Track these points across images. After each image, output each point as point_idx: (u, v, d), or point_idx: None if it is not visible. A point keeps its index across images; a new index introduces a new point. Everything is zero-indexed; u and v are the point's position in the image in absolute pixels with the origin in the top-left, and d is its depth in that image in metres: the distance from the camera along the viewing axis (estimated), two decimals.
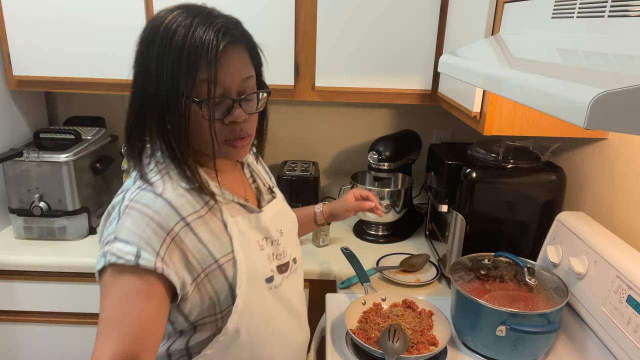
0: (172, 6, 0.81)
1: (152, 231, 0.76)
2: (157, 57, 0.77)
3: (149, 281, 0.74)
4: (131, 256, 0.73)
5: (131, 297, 0.74)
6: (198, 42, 0.75)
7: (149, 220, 0.76)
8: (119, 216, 0.77)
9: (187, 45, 0.75)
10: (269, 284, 0.91)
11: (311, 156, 2.05)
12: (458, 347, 1.16)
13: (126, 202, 0.79)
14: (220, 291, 0.84)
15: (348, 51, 1.62)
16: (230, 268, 0.84)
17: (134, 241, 0.74)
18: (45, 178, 1.59)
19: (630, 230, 1.14)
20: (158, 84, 0.77)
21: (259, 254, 0.90)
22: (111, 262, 0.73)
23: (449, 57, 1.05)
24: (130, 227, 0.75)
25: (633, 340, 0.93)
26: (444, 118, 1.98)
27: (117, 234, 0.75)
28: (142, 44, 0.81)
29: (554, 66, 0.75)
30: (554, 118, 0.84)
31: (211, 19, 0.78)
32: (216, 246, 0.83)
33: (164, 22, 0.77)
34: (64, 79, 1.66)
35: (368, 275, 1.38)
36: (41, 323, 1.61)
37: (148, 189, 0.80)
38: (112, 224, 0.78)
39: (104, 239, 0.77)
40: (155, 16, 0.81)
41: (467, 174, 1.31)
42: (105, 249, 0.75)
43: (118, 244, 0.74)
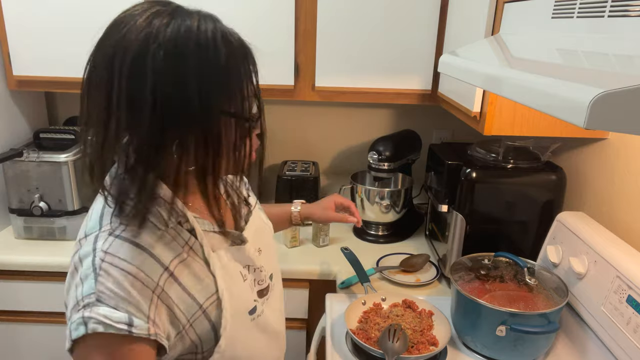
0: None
1: (138, 292, 0.67)
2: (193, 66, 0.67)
3: (141, 349, 0.67)
4: (123, 325, 0.65)
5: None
6: (240, 54, 0.72)
7: (133, 279, 0.67)
8: (94, 274, 0.66)
9: (233, 57, 0.70)
10: (252, 315, 0.86)
11: (311, 156, 2.05)
12: (458, 347, 1.16)
13: (100, 255, 0.68)
14: (203, 335, 0.77)
15: (348, 51, 1.62)
16: (214, 310, 0.77)
17: (122, 307, 0.65)
18: (45, 178, 1.59)
19: (630, 230, 1.14)
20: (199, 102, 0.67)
21: (242, 286, 0.84)
22: (97, 331, 0.64)
23: (449, 57, 1.05)
24: (113, 290, 0.66)
25: (633, 340, 0.93)
26: (444, 118, 1.98)
27: (99, 296, 0.65)
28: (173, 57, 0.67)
29: (554, 66, 0.75)
30: (554, 118, 0.84)
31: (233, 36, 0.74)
32: (199, 290, 0.76)
33: (194, 31, 0.68)
34: (64, 79, 1.66)
35: (368, 275, 1.38)
36: (41, 323, 1.61)
37: (122, 236, 0.70)
38: (87, 283, 0.66)
39: (77, 301, 0.66)
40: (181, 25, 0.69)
41: (467, 174, 1.31)
42: (85, 315, 0.64)
43: (103, 309, 0.64)
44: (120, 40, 0.70)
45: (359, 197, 1.71)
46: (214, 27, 0.70)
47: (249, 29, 1.15)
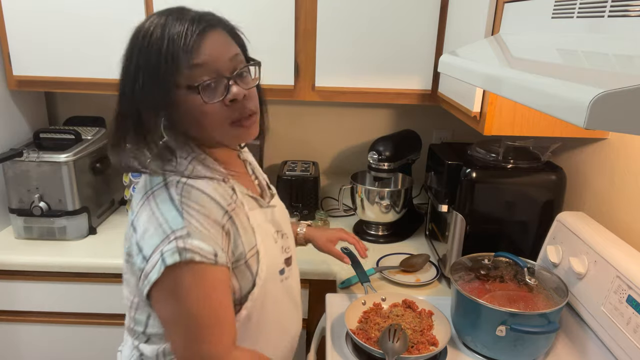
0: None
1: (215, 230, 0.79)
2: (138, 60, 0.79)
3: (222, 275, 0.79)
4: (212, 255, 0.76)
5: (215, 292, 0.78)
6: (175, 34, 0.77)
7: (207, 218, 0.79)
8: (179, 212, 0.77)
9: (166, 39, 0.77)
10: (282, 275, 0.95)
11: (311, 156, 2.05)
12: (458, 347, 1.16)
13: (177, 198, 0.79)
14: (243, 282, 0.87)
15: (348, 51, 1.62)
16: (254, 263, 0.87)
17: (208, 241, 0.77)
18: (45, 178, 1.59)
19: (630, 230, 1.14)
20: (144, 86, 0.78)
21: (274, 246, 0.94)
22: (194, 260, 0.74)
23: (449, 57, 1.05)
24: (198, 227, 0.77)
25: (633, 340, 0.93)
26: (444, 118, 1.98)
27: (189, 231, 0.76)
28: (125, 57, 0.83)
29: (554, 66, 0.75)
30: (554, 118, 0.84)
31: (183, 13, 0.80)
32: (245, 240, 0.86)
33: (142, 29, 0.81)
34: (64, 79, 1.66)
35: (368, 275, 1.38)
36: (41, 323, 1.61)
37: (189, 183, 0.82)
38: (173, 220, 0.77)
39: (167, 235, 0.76)
40: (134, 29, 0.83)
41: (467, 174, 1.31)
42: (179, 245, 0.74)
43: (195, 241, 0.75)
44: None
45: (359, 197, 1.71)
46: (166, 19, 0.79)
47: (249, 28, 1.15)
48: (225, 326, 0.79)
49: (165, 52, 0.76)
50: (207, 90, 0.79)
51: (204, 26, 0.79)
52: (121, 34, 1.76)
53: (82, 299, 1.57)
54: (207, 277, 0.76)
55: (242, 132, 0.85)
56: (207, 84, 0.79)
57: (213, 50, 0.80)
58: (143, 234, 0.79)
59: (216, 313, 0.78)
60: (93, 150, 1.72)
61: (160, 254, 0.75)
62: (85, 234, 1.68)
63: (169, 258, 0.74)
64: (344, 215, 1.91)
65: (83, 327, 1.61)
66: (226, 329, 0.79)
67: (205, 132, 0.84)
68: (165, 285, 0.76)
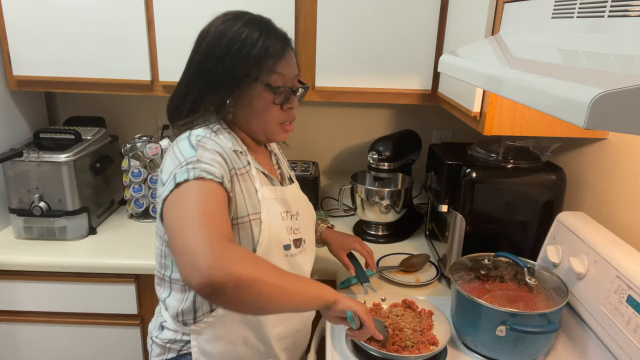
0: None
1: (223, 167, 0.94)
2: (242, 43, 0.97)
3: (225, 195, 0.91)
4: (218, 176, 0.90)
5: (215, 199, 0.88)
6: (270, 43, 0.98)
7: (218, 156, 0.94)
8: (193, 148, 0.94)
9: (261, 43, 0.98)
10: (286, 251, 1.07)
11: (311, 156, 2.05)
12: (458, 347, 1.16)
13: (194, 139, 0.96)
14: (244, 239, 1.00)
15: (348, 51, 1.62)
16: (256, 226, 1.01)
17: (217, 167, 0.92)
18: (45, 178, 1.59)
19: (630, 230, 1.14)
20: (244, 68, 0.98)
21: (280, 222, 1.06)
22: (200, 177, 0.88)
23: (449, 57, 1.05)
24: (209, 157, 0.92)
25: (633, 340, 0.93)
26: (444, 118, 1.98)
27: (199, 158, 0.91)
28: (213, 40, 0.99)
29: (554, 66, 0.75)
30: (554, 118, 0.84)
31: (276, 28, 1.03)
32: (249, 203, 1.01)
33: (240, 20, 1.00)
34: (64, 79, 1.66)
35: (368, 275, 1.38)
36: (41, 323, 1.61)
37: (209, 136, 0.98)
38: (187, 152, 0.93)
39: (180, 162, 0.91)
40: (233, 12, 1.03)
41: (467, 174, 1.31)
42: (189, 167, 0.89)
43: (204, 165, 0.90)
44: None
45: (359, 197, 1.71)
46: (269, 24, 1.03)
47: None
48: (223, 228, 0.85)
49: (258, 50, 0.97)
50: (279, 94, 1.02)
51: (286, 45, 1.02)
52: (121, 34, 1.76)
53: (82, 299, 1.57)
54: (210, 189, 0.88)
55: (282, 133, 1.08)
56: (281, 90, 1.02)
57: (290, 66, 1.03)
58: (165, 168, 0.95)
59: (214, 216, 0.85)
60: (93, 150, 1.72)
61: (172, 175, 0.89)
62: (85, 234, 1.68)
63: (179, 176, 0.88)
64: (344, 215, 1.91)
65: (83, 327, 1.61)
66: (224, 230, 0.85)
67: (257, 121, 1.04)
68: (174, 196, 0.87)
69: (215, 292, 0.78)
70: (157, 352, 1.11)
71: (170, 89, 1.70)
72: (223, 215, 0.87)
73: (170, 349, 1.09)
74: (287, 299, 0.87)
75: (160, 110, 2.03)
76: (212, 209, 0.86)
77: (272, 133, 1.07)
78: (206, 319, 1.05)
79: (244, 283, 0.79)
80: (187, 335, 1.07)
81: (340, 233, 1.43)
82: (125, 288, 1.55)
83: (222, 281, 0.77)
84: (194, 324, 1.05)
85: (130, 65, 1.63)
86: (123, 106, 2.03)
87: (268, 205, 1.04)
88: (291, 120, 1.08)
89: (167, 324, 1.09)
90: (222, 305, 0.85)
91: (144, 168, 1.76)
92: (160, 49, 1.61)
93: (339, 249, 1.38)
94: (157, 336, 1.11)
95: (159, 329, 1.11)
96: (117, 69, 1.64)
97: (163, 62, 1.63)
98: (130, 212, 1.81)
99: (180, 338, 1.08)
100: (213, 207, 0.86)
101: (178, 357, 1.09)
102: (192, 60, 1.03)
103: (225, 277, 0.77)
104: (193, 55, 1.03)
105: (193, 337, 1.06)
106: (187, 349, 1.08)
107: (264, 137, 1.08)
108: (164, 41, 1.61)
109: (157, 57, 1.62)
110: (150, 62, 1.64)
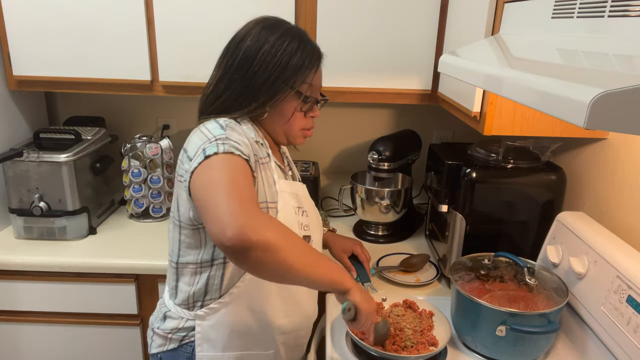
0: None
1: (249, 149, 0.97)
2: (284, 51, 1.02)
3: (251, 175, 0.95)
4: (246, 154, 0.94)
5: (244, 174, 0.92)
6: (309, 53, 1.06)
7: (245, 139, 0.98)
8: (222, 129, 0.97)
9: (301, 53, 1.04)
10: None
11: (311, 156, 2.05)
12: (458, 347, 1.17)
13: (223, 122, 1.00)
14: None
15: (348, 51, 1.62)
16: (273, 214, 1.04)
17: (244, 147, 0.95)
18: (45, 178, 1.59)
19: (630, 230, 1.14)
20: (284, 75, 1.02)
21: (294, 217, 1.09)
22: (229, 151, 0.92)
23: (449, 57, 1.05)
24: (238, 137, 0.96)
25: (633, 340, 0.93)
26: (444, 118, 1.98)
27: (228, 137, 0.95)
28: (257, 41, 1.03)
29: (554, 66, 0.75)
30: (554, 118, 0.84)
31: (312, 41, 1.11)
32: (268, 191, 1.04)
33: (281, 28, 1.06)
34: (64, 79, 1.66)
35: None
36: (41, 323, 1.61)
37: (234, 123, 1.01)
38: (217, 131, 0.96)
39: (208, 138, 0.95)
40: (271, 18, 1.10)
41: (467, 174, 1.31)
42: (219, 142, 0.93)
43: (233, 142, 0.94)
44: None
45: (359, 197, 1.71)
46: (306, 35, 1.10)
47: None
48: (253, 197, 0.89)
49: (297, 60, 1.04)
50: (306, 103, 1.08)
51: (320, 58, 1.10)
52: (121, 34, 1.76)
53: (82, 299, 1.57)
54: (239, 164, 0.92)
55: (301, 138, 1.14)
56: (310, 99, 1.09)
57: (318, 78, 1.11)
58: (190, 145, 0.98)
59: (244, 187, 0.88)
60: (93, 150, 1.72)
61: (202, 149, 0.92)
62: (85, 234, 1.68)
63: (208, 150, 0.92)
64: (344, 215, 1.91)
65: (83, 327, 1.61)
66: (254, 199, 0.89)
67: (282, 124, 1.09)
68: (203, 167, 0.91)
69: (244, 250, 0.81)
70: (159, 343, 1.12)
71: (170, 89, 1.71)
72: (251, 188, 0.91)
73: (171, 339, 1.10)
74: (307, 273, 0.89)
75: (160, 110, 2.03)
76: (241, 182, 0.89)
77: (293, 137, 1.12)
78: (213, 304, 1.06)
79: (272, 247, 0.83)
80: (191, 322, 1.08)
81: (340, 236, 1.44)
82: (125, 288, 1.55)
83: (254, 241, 0.81)
84: (200, 309, 1.07)
85: (130, 65, 1.63)
86: (123, 106, 2.03)
87: (284, 198, 1.08)
88: (311, 127, 1.14)
89: (171, 312, 1.11)
90: (245, 265, 0.87)
91: (144, 168, 1.76)
92: (160, 48, 1.61)
93: (340, 251, 1.40)
94: (159, 327, 1.12)
95: (161, 320, 1.12)
96: (117, 69, 1.64)
97: (163, 62, 1.63)
98: (130, 212, 1.81)
99: (183, 326, 1.09)
100: (243, 179, 0.90)
101: (179, 347, 1.10)
102: (230, 61, 1.04)
103: (257, 238, 0.81)
104: (230, 56, 1.05)
105: (197, 322, 1.08)
106: (189, 338, 1.09)
107: (285, 139, 1.13)
108: (164, 41, 1.61)
109: (157, 57, 1.62)
110: (150, 62, 1.63)
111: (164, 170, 1.79)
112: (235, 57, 1.04)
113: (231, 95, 1.04)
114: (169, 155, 1.79)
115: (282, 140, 1.14)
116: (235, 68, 1.03)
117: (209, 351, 1.08)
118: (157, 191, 1.78)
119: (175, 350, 1.10)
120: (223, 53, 1.07)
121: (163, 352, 1.12)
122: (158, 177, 1.76)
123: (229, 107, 1.05)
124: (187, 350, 1.09)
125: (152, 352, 1.14)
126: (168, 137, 1.80)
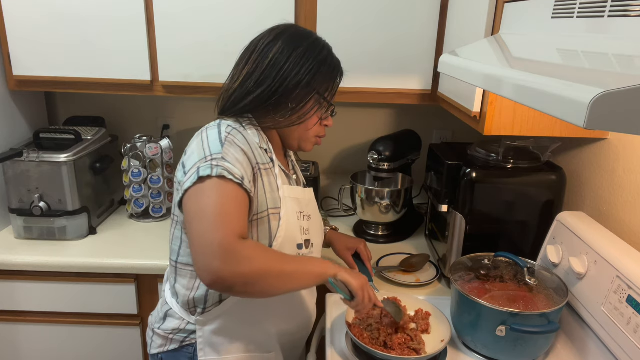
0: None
1: (247, 164, 0.98)
2: (315, 57, 1.04)
3: (244, 196, 0.95)
4: (239, 177, 0.94)
5: (234, 200, 0.93)
6: (336, 63, 1.10)
7: (244, 154, 0.98)
8: (221, 142, 0.97)
9: (329, 62, 1.08)
10: (299, 250, 1.11)
11: (311, 156, 2.05)
12: (458, 347, 1.16)
13: (225, 130, 1.00)
14: (261, 237, 1.03)
15: (348, 51, 1.61)
16: (275, 221, 1.05)
17: (239, 167, 0.95)
18: (45, 178, 1.59)
19: (630, 230, 1.14)
20: (312, 79, 1.04)
21: (296, 222, 1.10)
22: (222, 175, 0.92)
23: (449, 57, 1.05)
24: (234, 155, 0.96)
25: (633, 340, 0.93)
26: (444, 118, 1.98)
27: (224, 156, 0.95)
28: (289, 43, 1.03)
29: (554, 66, 0.75)
30: (554, 118, 0.85)
31: (334, 54, 1.12)
32: (270, 198, 1.04)
33: (312, 36, 1.08)
34: (64, 79, 1.66)
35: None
36: (41, 323, 1.61)
37: (239, 129, 1.02)
38: (214, 147, 0.96)
39: (205, 156, 0.95)
40: (298, 27, 1.10)
41: (467, 174, 1.31)
42: (213, 164, 0.93)
43: (227, 164, 0.94)
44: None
45: (359, 197, 1.71)
46: (327, 45, 1.11)
47: (249, 28, 1.15)
48: (237, 228, 0.90)
49: (327, 68, 1.07)
50: (324, 109, 1.11)
51: (341, 70, 1.12)
52: (121, 34, 1.76)
53: (82, 299, 1.57)
54: (229, 190, 0.92)
55: (312, 144, 1.15)
56: (328, 106, 1.11)
57: (336, 88, 1.13)
58: (190, 156, 0.99)
59: (230, 216, 0.90)
60: (93, 150, 1.72)
61: (196, 168, 0.94)
62: (85, 234, 1.68)
63: (202, 171, 0.92)
64: (344, 215, 1.91)
65: (83, 327, 1.61)
66: (238, 229, 0.90)
67: (300, 128, 1.09)
68: (195, 190, 0.92)
69: (225, 289, 0.90)
70: (159, 344, 1.12)
71: (170, 89, 1.71)
72: (238, 215, 0.93)
73: (172, 340, 1.10)
74: (293, 283, 0.96)
75: (160, 110, 2.03)
76: (228, 210, 0.91)
77: (305, 142, 1.13)
78: (214, 310, 1.06)
79: (252, 280, 0.88)
80: (192, 325, 1.08)
81: (343, 234, 1.45)
82: (125, 288, 1.55)
83: (232, 281, 0.87)
84: (202, 315, 1.07)
85: (130, 65, 1.63)
86: (123, 106, 2.03)
87: (287, 203, 1.08)
88: (322, 135, 1.16)
89: (173, 312, 1.10)
90: (233, 296, 0.96)
91: (144, 168, 1.76)
92: (160, 49, 1.61)
93: (344, 248, 1.41)
94: (160, 327, 1.12)
95: (162, 320, 1.12)
96: (117, 68, 1.64)
97: (163, 62, 1.63)
98: (130, 212, 1.81)
99: (184, 327, 1.09)
100: (229, 208, 0.91)
101: (181, 348, 1.10)
102: (259, 59, 1.04)
103: (233, 277, 0.86)
104: (259, 54, 1.04)
105: (199, 327, 1.07)
106: (190, 340, 1.09)
107: (297, 144, 1.14)
108: (164, 41, 1.61)
109: (157, 57, 1.62)
110: (150, 62, 1.63)
111: (164, 170, 1.79)
112: (265, 56, 1.03)
113: (263, 93, 1.03)
114: (169, 155, 1.79)
115: (294, 145, 1.14)
116: (267, 66, 1.02)
117: (211, 355, 1.08)
118: (157, 191, 1.78)
119: (176, 351, 1.10)
120: (248, 52, 1.06)
121: (164, 352, 1.11)
122: (158, 177, 1.76)
123: (259, 106, 1.04)
124: (189, 351, 1.09)
125: (152, 352, 1.14)
126: (168, 137, 1.80)
